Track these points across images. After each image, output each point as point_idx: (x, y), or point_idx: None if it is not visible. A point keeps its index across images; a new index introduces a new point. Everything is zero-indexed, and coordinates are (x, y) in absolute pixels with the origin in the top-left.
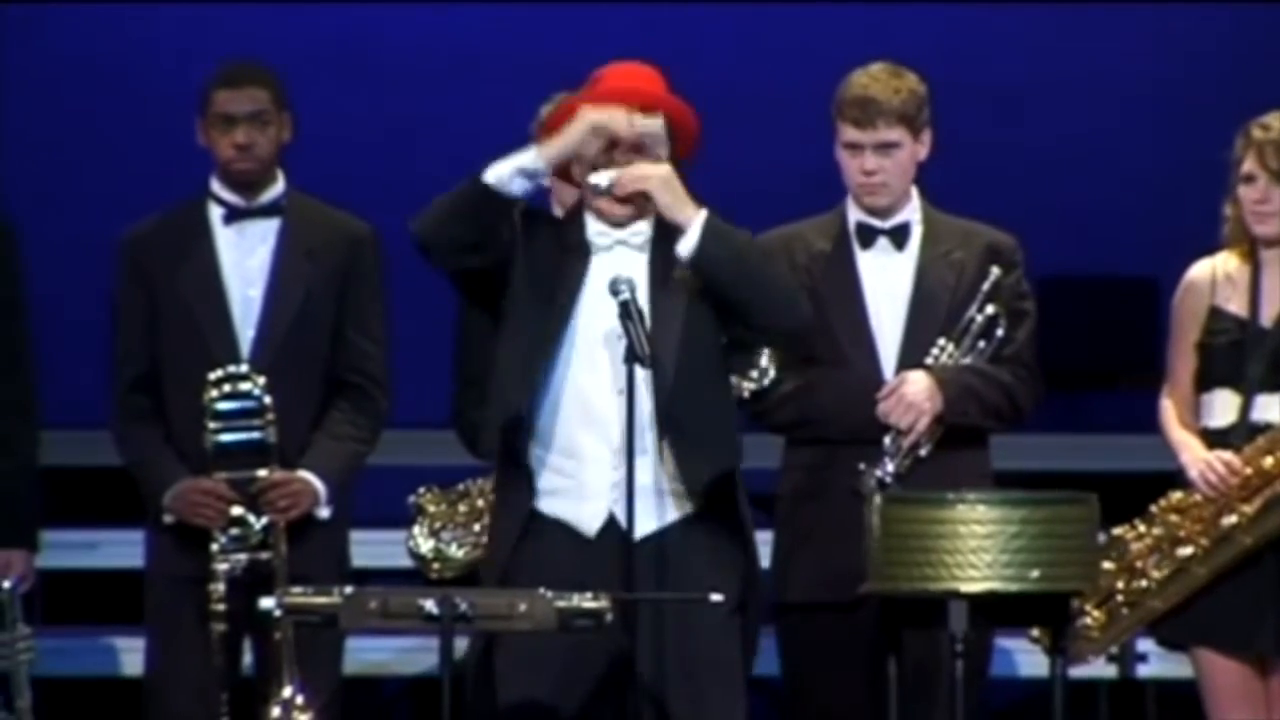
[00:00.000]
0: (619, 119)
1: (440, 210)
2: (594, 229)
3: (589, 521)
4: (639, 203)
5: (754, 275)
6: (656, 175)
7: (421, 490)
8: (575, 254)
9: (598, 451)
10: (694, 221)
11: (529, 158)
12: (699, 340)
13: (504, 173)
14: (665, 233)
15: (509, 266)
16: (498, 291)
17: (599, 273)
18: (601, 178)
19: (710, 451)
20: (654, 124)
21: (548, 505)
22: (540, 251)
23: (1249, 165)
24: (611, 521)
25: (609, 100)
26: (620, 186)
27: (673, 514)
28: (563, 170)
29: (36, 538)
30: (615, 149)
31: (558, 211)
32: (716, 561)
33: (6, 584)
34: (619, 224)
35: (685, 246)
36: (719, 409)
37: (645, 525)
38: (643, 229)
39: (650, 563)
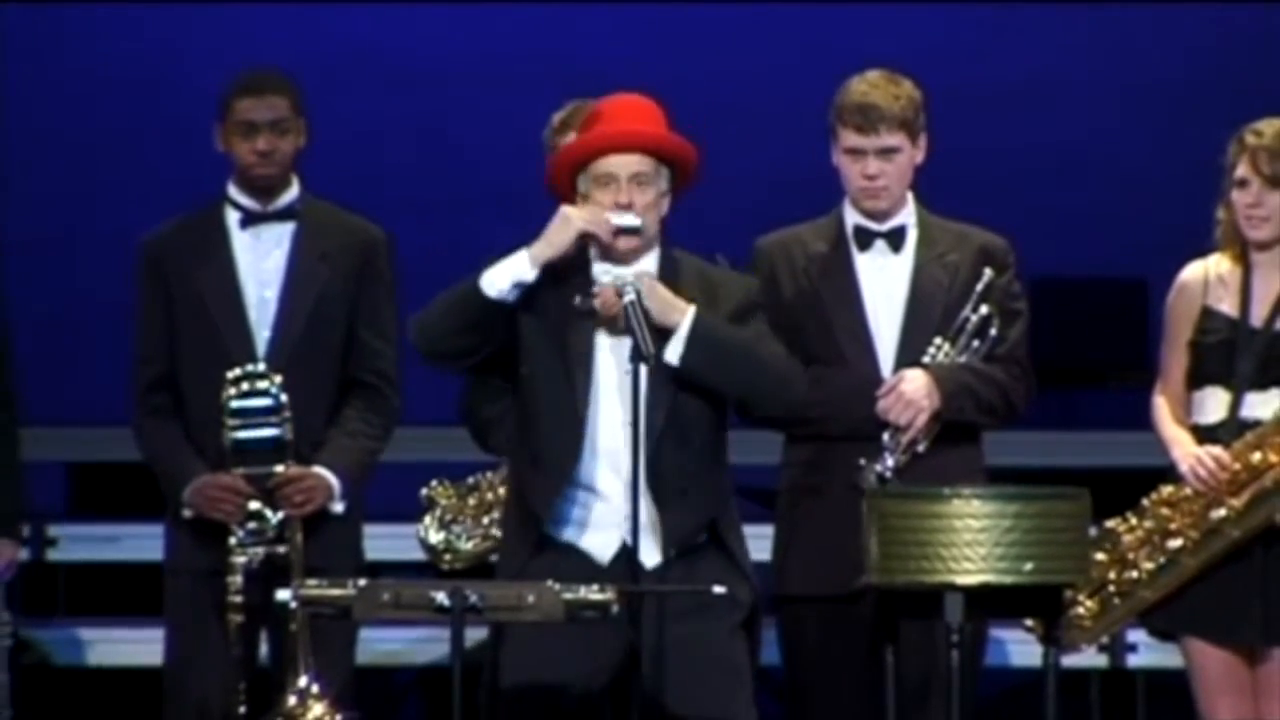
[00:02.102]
0: (602, 225)
1: (440, 324)
2: (599, 269)
3: (601, 550)
4: (640, 243)
5: (741, 371)
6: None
7: (433, 483)
8: (581, 295)
9: (611, 486)
10: (680, 326)
11: (523, 268)
12: (691, 399)
13: (502, 285)
14: (670, 285)
15: (515, 338)
16: (508, 362)
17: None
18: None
19: (690, 504)
20: (634, 221)
21: (561, 533)
22: (546, 306)
23: (1242, 170)
24: (624, 550)
25: (611, 144)
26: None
27: (674, 549)
28: (566, 195)
29: (20, 528)
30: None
31: None
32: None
33: None
34: (624, 262)
35: (672, 354)
36: (704, 461)
37: (652, 558)
38: (648, 266)
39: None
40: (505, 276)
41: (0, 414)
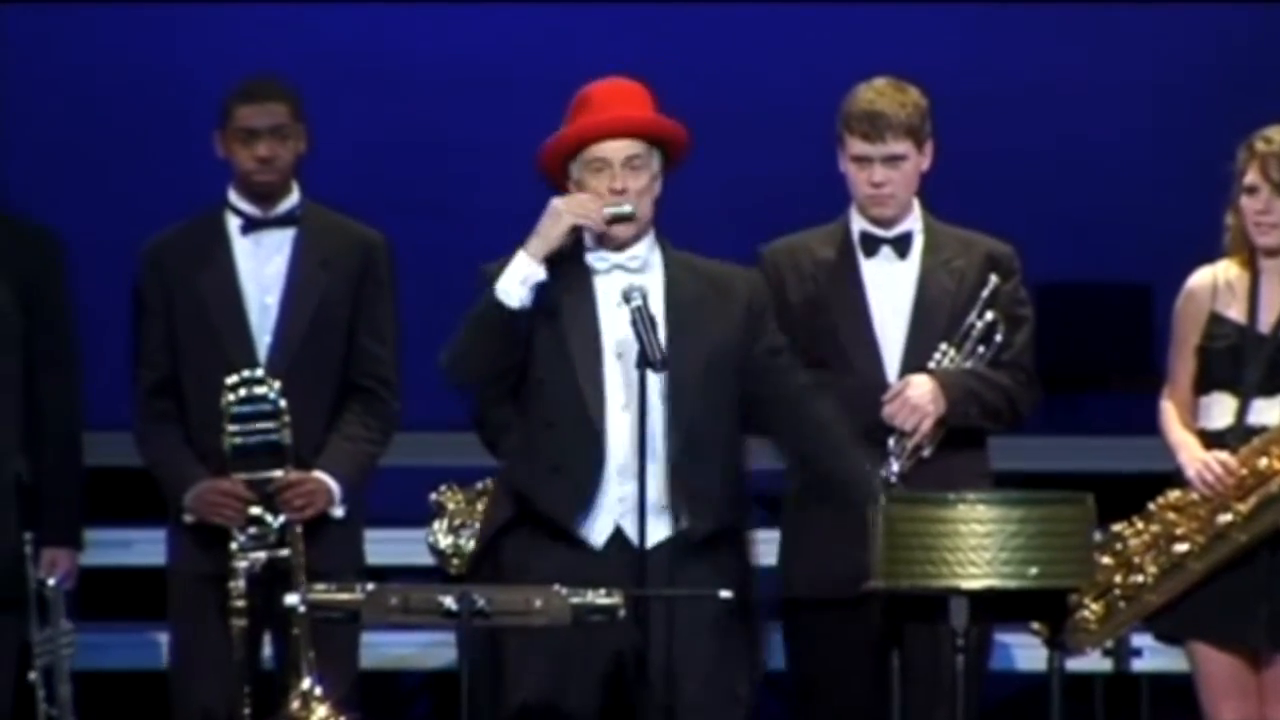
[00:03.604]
0: (593, 215)
1: (474, 351)
2: (592, 256)
3: (596, 535)
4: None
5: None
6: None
7: (442, 488)
8: (578, 288)
9: (618, 484)
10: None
11: (529, 267)
12: (718, 389)
13: (515, 289)
14: (676, 278)
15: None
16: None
17: (601, 295)
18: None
19: (715, 509)
20: (627, 209)
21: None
22: (548, 306)
23: (1251, 177)
24: (617, 533)
25: (603, 130)
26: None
27: (676, 528)
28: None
29: (81, 537)
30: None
31: None
32: (717, 567)
33: (52, 581)
34: (620, 248)
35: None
36: (728, 468)
37: (651, 537)
38: (639, 252)
39: (656, 571)
40: (516, 281)
41: (63, 424)
